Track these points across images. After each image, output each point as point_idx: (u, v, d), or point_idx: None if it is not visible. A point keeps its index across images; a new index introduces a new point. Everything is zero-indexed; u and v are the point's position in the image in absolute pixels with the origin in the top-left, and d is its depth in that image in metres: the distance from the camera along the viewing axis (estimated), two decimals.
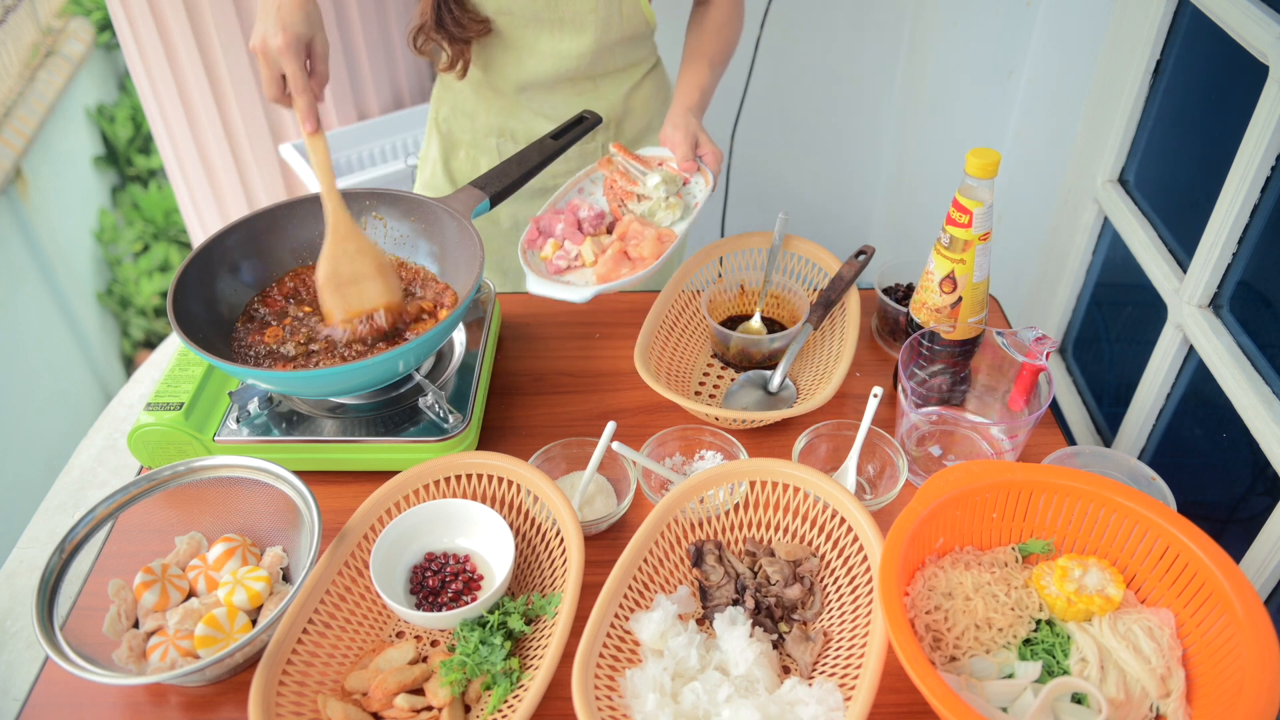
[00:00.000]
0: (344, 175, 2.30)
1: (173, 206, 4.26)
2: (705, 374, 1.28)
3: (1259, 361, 1.13)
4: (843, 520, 0.97)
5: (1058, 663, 0.85)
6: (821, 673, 0.90)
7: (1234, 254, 1.17)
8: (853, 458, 1.10)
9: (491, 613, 0.93)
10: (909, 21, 2.22)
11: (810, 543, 1.01)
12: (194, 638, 0.91)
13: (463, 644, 0.90)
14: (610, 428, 1.06)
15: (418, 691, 0.89)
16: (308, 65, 1.07)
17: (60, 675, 0.93)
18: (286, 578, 1.01)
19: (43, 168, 3.92)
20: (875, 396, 1.11)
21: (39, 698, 0.92)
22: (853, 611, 0.93)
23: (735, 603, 0.95)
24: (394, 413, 1.13)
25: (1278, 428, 1.05)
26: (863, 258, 1.28)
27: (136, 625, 0.95)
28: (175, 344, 1.83)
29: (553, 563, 0.98)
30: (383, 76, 2.38)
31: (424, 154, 1.60)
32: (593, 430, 1.13)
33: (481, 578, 0.99)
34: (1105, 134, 1.50)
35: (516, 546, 0.99)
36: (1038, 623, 0.89)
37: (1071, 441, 1.27)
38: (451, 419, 1.11)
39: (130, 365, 4.16)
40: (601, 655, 0.88)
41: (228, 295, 1.16)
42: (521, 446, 1.16)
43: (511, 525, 1.02)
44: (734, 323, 1.33)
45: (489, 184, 1.20)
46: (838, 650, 0.91)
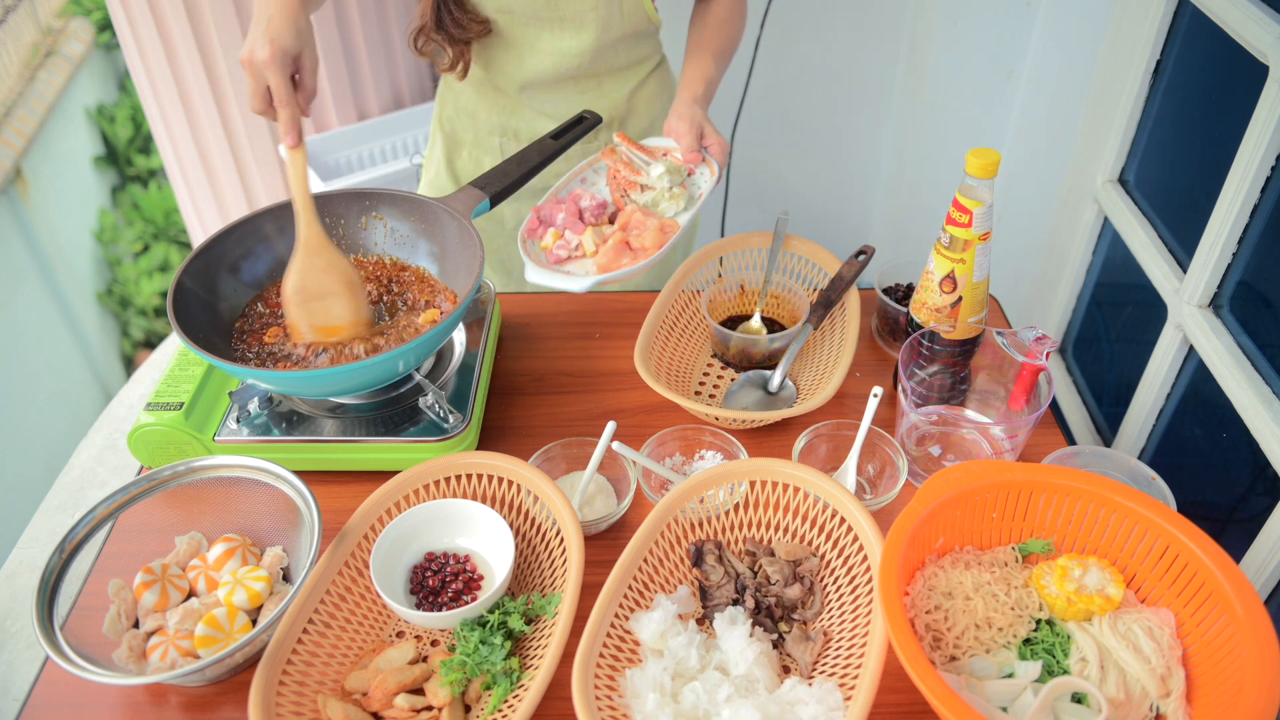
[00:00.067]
0: (345, 175, 2.30)
1: (173, 206, 4.26)
2: (705, 374, 1.28)
3: (1259, 361, 1.13)
4: (843, 520, 0.97)
5: (1058, 662, 0.85)
6: (821, 672, 0.90)
7: (1234, 254, 1.17)
8: (853, 458, 1.10)
9: (491, 613, 0.93)
10: (909, 21, 2.22)
11: (810, 543, 1.01)
12: (194, 638, 0.91)
13: (463, 644, 0.90)
14: (610, 428, 1.06)
15: (418, 691, 0.89)
16: (296, 79, 1.07)
17: (60, 675, 0.93)
18: (286, 578, 1.01)
19: (43, 168, 3.92)
20: (875, 396, 1.11)
21: (39, 698, 0.92)
22: (853, 611, 0.93)
23: (735, 603, 0.95)
24: (394, 413, 1.13)
25: (1278, 428, 1.05)
26: (863, 258, 1.28)
27: (136, 625, 0.95)
28: (175, 344, 1.83)
29: (553, 563, 0.98)
30: (383, 76, 2.38)
31: (428, 154, 1.60)
32: (593, 430, 1.13)
33: (481, 578, 0.99)
34: (1105, 134, 1.50)
35: (516, 546, 0.99)
36: (1038, 622, 0.89)
37: (1071, 441, 1.27)
38: (451, 419, 1.11)
39: (130, 365, 4.16)
40: (601, 655, 0.88)
41: (228, 295, 1.16)
42: (521, 446, 1.16)
43: (511, 525, 1.02)
44: (734, 323, 1.33)
45: (489, 184, 1.20)
46: (838, 650, 0.91)
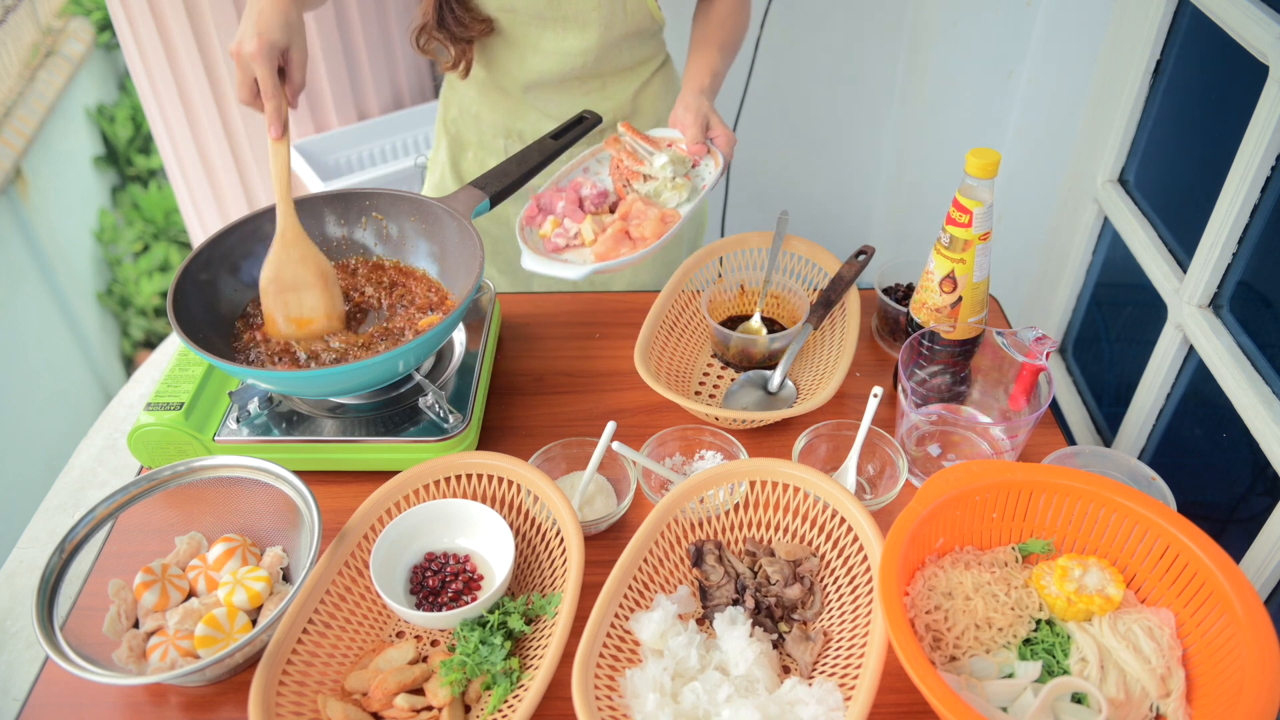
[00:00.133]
0: (345, 175, 2.30)
1: (173, 206, 4.26)
2: (705, 374, 1.28)
3: (1259, 361, 1.13)
4: (843, 520, 0.97)
5: (1058, 662, 0.85)
6: (821, 673, 0.90)
7: (1234, 254, 1.17)
8: (853, 458, 1.10)
9: (491, 613, 0.93)
10: (909, 21, 2.22)
11: (810, 543, 1.01)
12: (194, 638, 0.91)
13: (463, 644, 0.90)
14: (610, 428, 1.06)
15: (418, 691, 0.89)
16: (284, 72, 1.08)
17: (60, 675, 0.93)
18: (286, 578, 1.01)
19: (43, 168, 3.92)
20: (875, 396, 1.11)
21: (39, 698, 0.92)
22: (853, 611, 0.93)
23: (735, 603, 0.95)
24: (394, 413, 1.13)
25: (1278, 428, 1.05)
26: (863, 258, 1.28)
27: (136, 625, 0.95)
28: (175, 344, 1.83)
29: (553, 563, 0.98)
30: (383, 76, 2.38)
31: (433, 156, 1.60)
32: (593, 430, 1.13)
33: (481, 578, 0.99)
34: (1105, 134, 1.50)
35: (516, 546, 0.99)
36: (1038, 622, 0.89)
37: (1071, 441, 1.26)
38: (451, 419, 1.11)
39: (130, 365, 4.16)
40: (601, 655, 0.88)
41: (228, 295, 1.16)
42: (521, 446, 1.16)
43: (511, 525, 1.02)
44: (734, 323, 1.33)
45: (489, 184, 1.20)
46: (838, 650, 0.91)
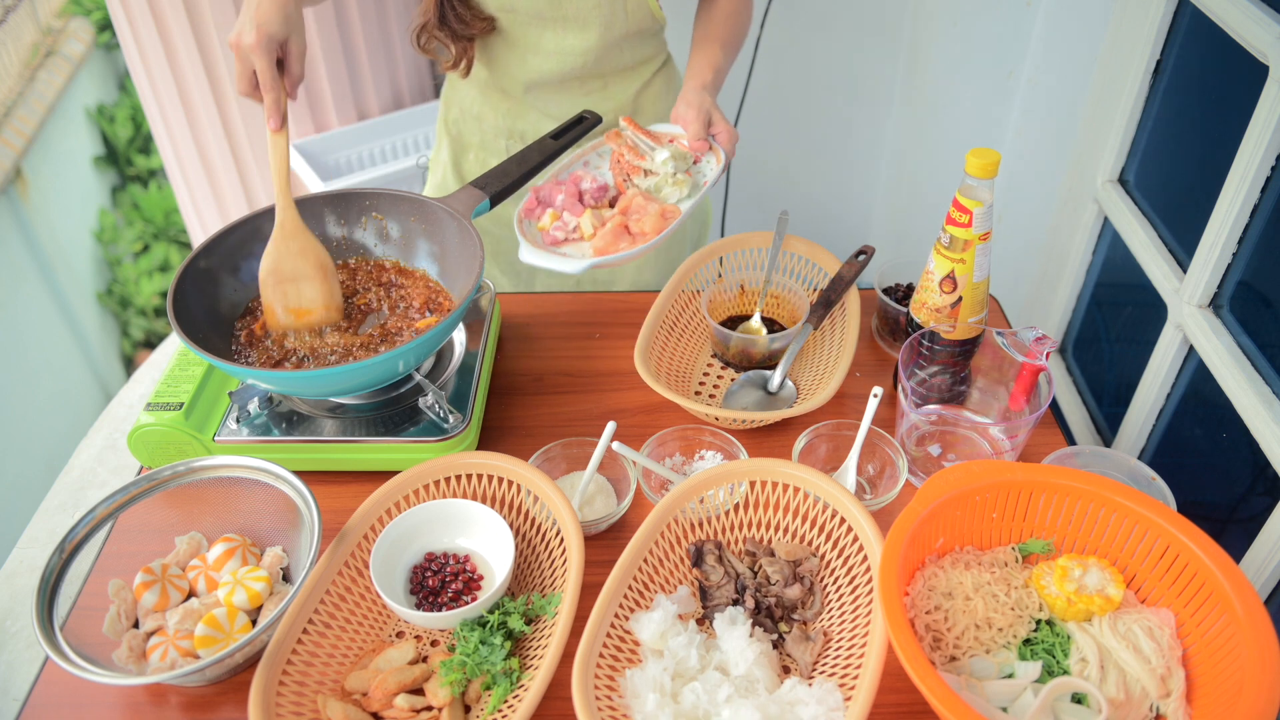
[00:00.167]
0: (345, 175, 2.30)
1: (173, 206, 4.26)
2: (705, 374, 1.28)
3: (1259, 361, 1.13)
4: (843, 520, 0.97)
5: (1058, 663, 0.85)
6: (821, 673, 0.90)
7: (1234, 254, 1.17)
8: (853, 458, 1.10)
9: (491, 613, 0.93)
10: (909, 21, 2.22)
11: (810, 543, 1.01)
12: (194, 638, 0.91)
13: (463, 644, 0.90)
14: (610, 428, 1.06)
15: (418, 691, 0.89)
16: (283, 64, 1.08)
17: (60, 675, 0.93)
18: (286, 578, 1.01)
19: (43, 168, 3.92)
20: (875, 396, 1.11)
21: (39, 698, 0.92)
22: (853, 611, 0.93)
23: (735, 603, 0.95)
24: (394, 413, 1.13)
25: (1278, 428, 1.05)
26: (863, 258, 1.28)
27: (136, 625, 0.95)
28: (175, 344, 1.83)
29: (553, 563, 0.98)
30: (383, 76, 2.38)
31: (434, 157, 1.59)
32: (593, 430, 1.13)
33: (481, 578, 0.99)
34: (1105, 134, 1.50)
35: (516, 546, 0.99)
36: (1038, 623, 0.89)
37: (1071, 441, 1.27)
38: (451, 419, 1.11)
39: (130, 365, 4.16)
40: (601, 655, 0.88)
41: (228, 295, 1.16)
42: (521, 446, 1.16)
43: (511, 525, 1.02)
44: (734, 323, 1.33)
45: (489, 184, 1.20)
46: (838, 650, 0.91)
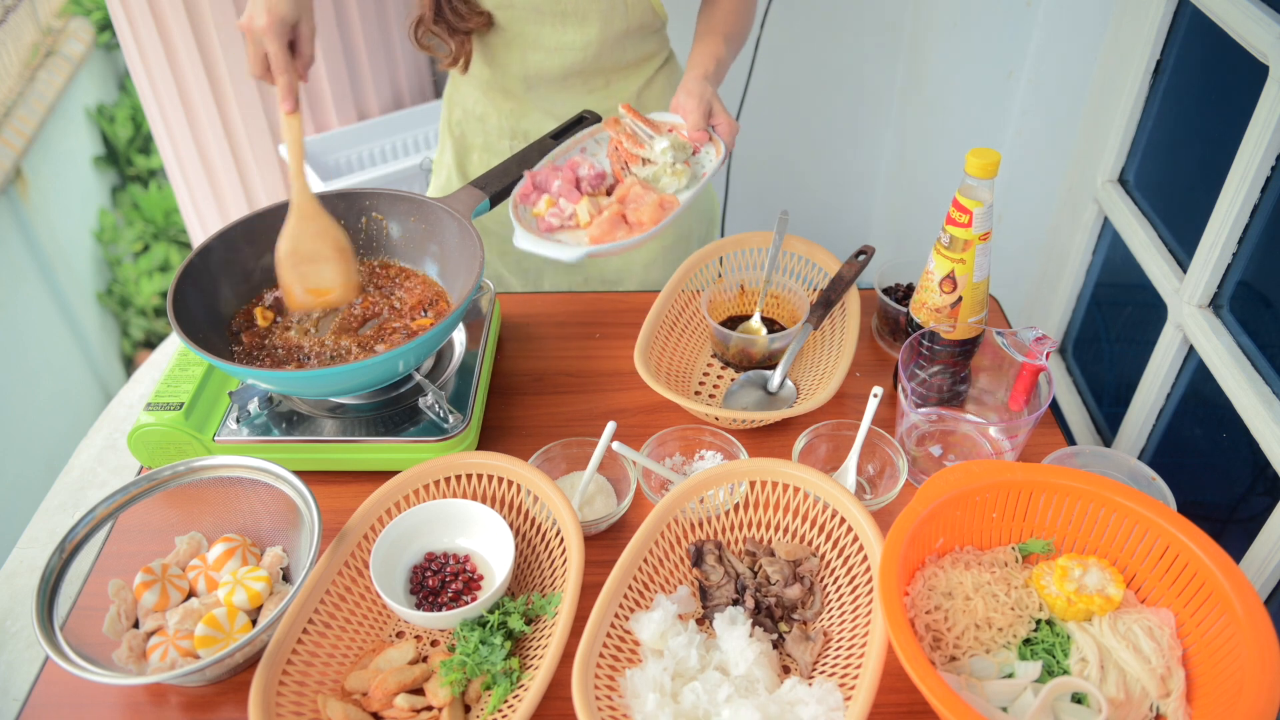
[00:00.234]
0: (345, 175, 2.30)
1: (173, 206, 4.26)
2: (705, 374, 1.28)
3: (1259, 361, 1.13)
4: (843, 520, 0.97)
5: (1058, 662, 0.85)
6: (821, 673, 0.90)
7: (1234, 254, 1.17)
8: (853, 458, 1.10)
9: (491, 613, 0.93)
10: (909, 21, 2.22)
11: (810, 543, 1.01)
12: (194, 638, 0.91)
13: (463, 644, 0.90)
14: (610, 428, 1.06)
15: (418, 691, 0.89)
16: (294, 46, 1.08)
17: (60, 675, 0.93)
18: (286, 578, 1.01)
19: (43, 168, 3.92)
20: (875, 396, 1.11)
21: (39, 698, 0.92)
22: (853, 611, 0.93)
23: (735, 603, 0.95)
24: (394, 413, 1.13)
25: (1278, 428, 1.05)
26: (863, 258, 1.28)
27: (136, 625, 0.95)
28: (175, 344, 1.83)
29: (553, 563, 0.98)
30: (383, 76, 2.38)
31: (438, 159, 1.59)
32: (593, 430, 1.13)
33: (481, 578, 0.99)
34: (1105, 134, 1.50)
35: (516, 546, 0.99)
36: (1038, 622, 0.89)
37: (1071, 441, 1.26)
38: (451, 419, 1.11)
39: (130, 365, 4.16)
40: (601, 655, 0.88)
41: (228, 295, 1.16)
42: (521, 446, 1.16)
43: (511, 525, 1.02)
44: (734, 323, 1.32)
45: (489, 184, 1.20)
46: (838, 650, 0.91)
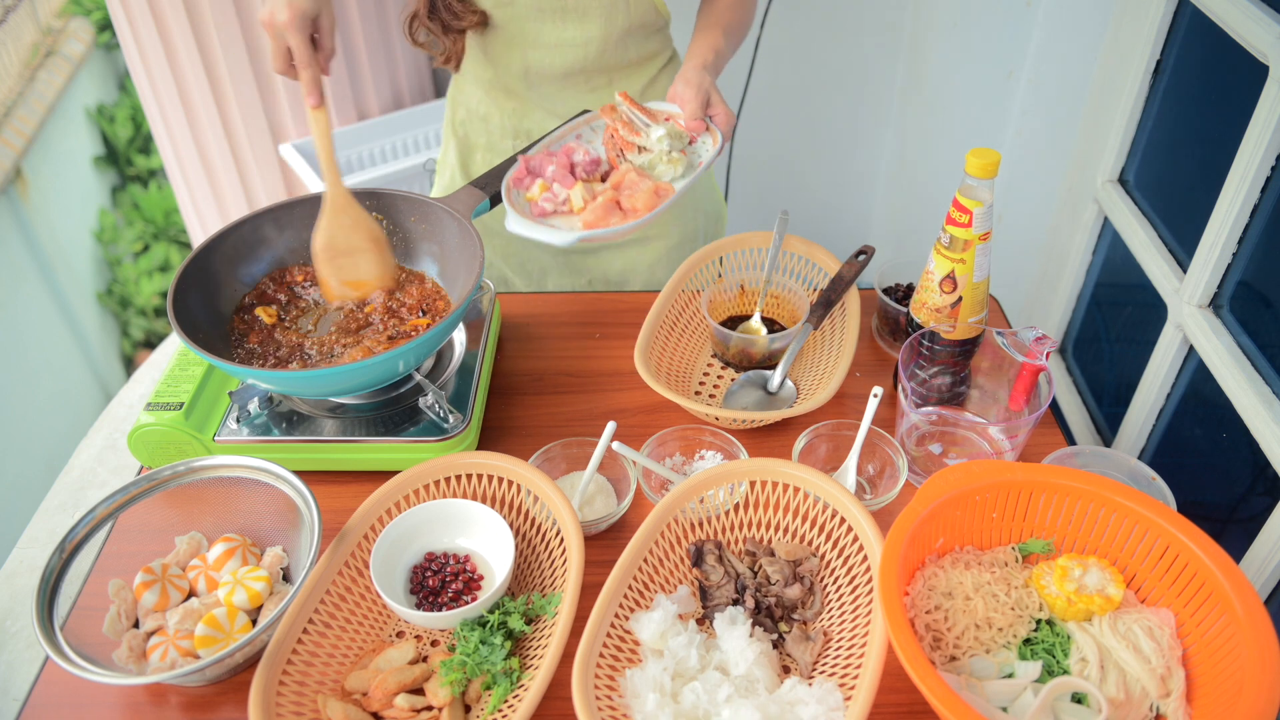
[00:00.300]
0: (345, 175, 2.30)
1: (173, 206, 4.26)
2: (705, 374, 1.28)
3: (1259, 361, 1.13)
4: (843, 520, 0.97)
5: (1058, 662, 0.85)
6: (821, 672, 0.90)
7: (1234, 254, 1.17)
8: (853, 458, 1.10)
9: (491, 613, 0.93)
10: (909, 21, 2.22)
11: (810, 543, 1.01)
12: (194, 638, 0.91)
13: (463, 644, 0.90)
14: (610, 428, 1.06)
15: (418, 691, 0.89)
16: (315, 40, 1.08)
17: (60, 675, 0.93)
18: (286, 578, 1.01)
19: (43, 168, 3.92)
20: (875, 396, 1.11)
21: (39, 698, 0.92)
22: (853, 611, 0.93)
23: (735, 603, 0.95)
24: (394, 413, 1.13)
25: (1278, 428, 1.05)
26: (863, 258, 1.28)
27: (136, 625, 0.95)
28: (175, 344, 1.83)
29: (553, 563, 0.98)
30: (383, 76, 2.38)
31: (441, 159, 1.58)
32: (593, 430, 1.13)
33: (481, 578, 0.99)
34: (1105, 134, 1.50)
35: (516, 546, 0.99)
36: (1038, 622, 0.89)
37: (1071, 441, 1.26)
38: (451, 419, 1.11)
39: (130, 365, 4.16)
40: (601, 655, 0.88)
41: (228, 295, 1.16)
42: (521, 446, 1.16)
43: (511, 525, 1.02)
44: (734, 323, 1.32)
45: (489, 183, 1.20)
46: (838, 650, 0.91)
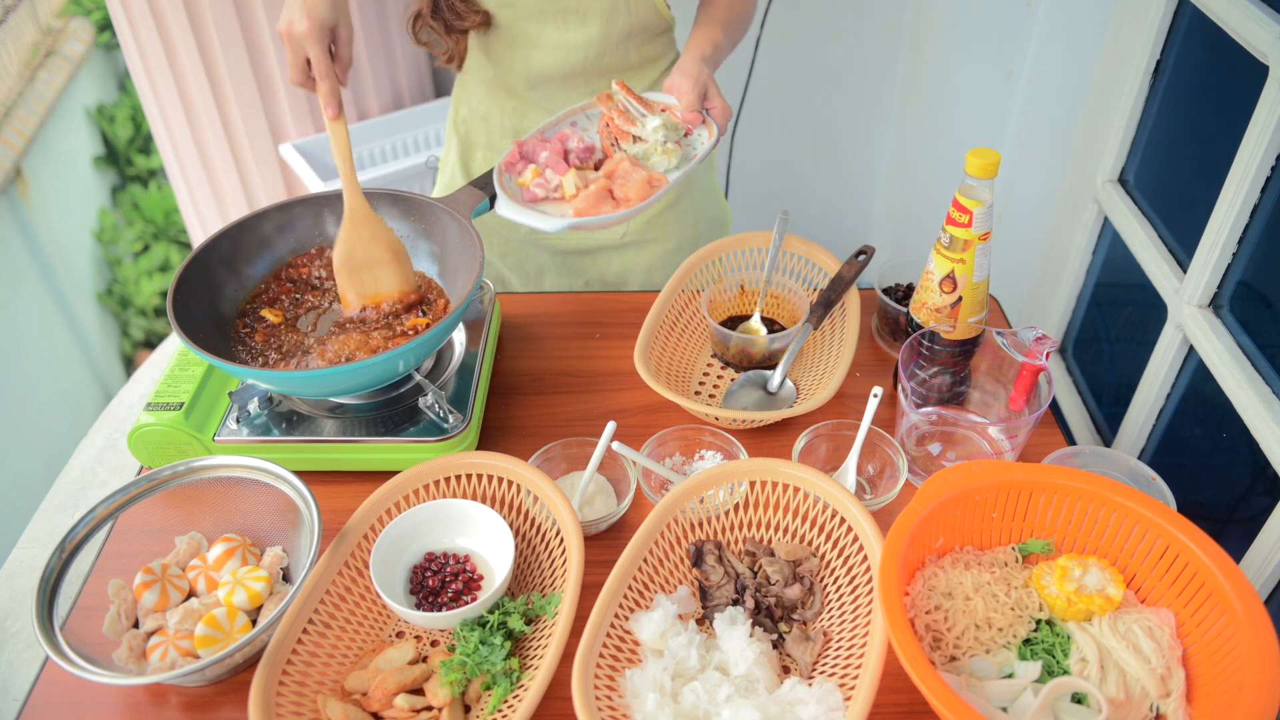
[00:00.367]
0: None
1: (173, 206, 4.26)
2: (705, 374, 1.28)
3: (1259, 361, 1.13)
4: (843, 520, 0.97)
5: (1058, 663, 0.85)
6: (821, 673, 0.90)
7: (1234, 254, 1.17)
8: (853, 458, 1.10)
9: (491, 613, 0.93)
10: (909, 21, 2.22)
11: (810, 543, 1.01)
12: (194, 638, 0.91)
13: (463, 644, 0.90)
14: (610, 428, 1.06)
15: (418, 691, 0.89)
16: (332, 50, 1.07)
17: (60, 675, 0.93)
18: (286, 578, 1.01)
19: (43, 168, 3.92)
20: (875, 396, 1.11)
21: (39, 698, 0.92)
22: (853, 611, 0.93)
23: (735, 603, 0.95)
24: (394, 413, 1.13)
25: (1278, 428, 1.05)
26: (863, 258, 1.28)
27: (136, 625, 0.95)
28: (175, 344, 1.83)
29: (553, 563, 0.98)
30: (383, 76, 2.39)
31: (444, 157, 1.59)
32: (593, 430, 1.13)
33: (481, 578, 0.99)
34: (1105, 134, 1.50)
35: (516, 546, 0.99)
36: (1038, 622, 0.89)
37: (1071, 441, 1.26)
38: (451, 419, 1.11)
39: (130, 365, 4.16)
40: (601, 655, 0.88)
41: (228, 295, 1.16)
42: (521, 446, 1.16)
43: (511, 525, 1.02)
44: (734, 323, 1.32)
45: (489, 184, 1.20)
46: (838, 650, 0.91)
